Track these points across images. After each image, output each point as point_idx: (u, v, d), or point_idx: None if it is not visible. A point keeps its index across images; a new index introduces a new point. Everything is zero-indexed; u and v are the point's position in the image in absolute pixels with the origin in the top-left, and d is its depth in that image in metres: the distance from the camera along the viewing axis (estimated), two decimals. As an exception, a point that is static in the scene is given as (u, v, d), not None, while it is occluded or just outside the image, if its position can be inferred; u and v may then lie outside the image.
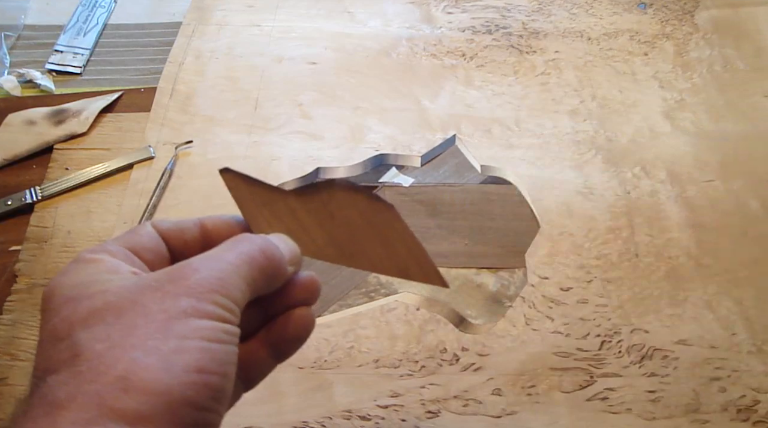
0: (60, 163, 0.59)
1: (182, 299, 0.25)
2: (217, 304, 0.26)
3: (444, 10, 0.71)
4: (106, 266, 0.27)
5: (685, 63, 0.65)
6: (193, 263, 0.27)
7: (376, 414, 0.44)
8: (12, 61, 0.68)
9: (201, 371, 0.24)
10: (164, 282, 0.26)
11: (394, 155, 0.58)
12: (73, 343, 0.24)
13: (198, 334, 0.25)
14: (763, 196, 0.55)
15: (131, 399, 0.23)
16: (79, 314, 0.25)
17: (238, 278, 0.27)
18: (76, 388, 0.23)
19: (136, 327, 0.24)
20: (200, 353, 0.24)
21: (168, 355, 0.24)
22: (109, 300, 0.25)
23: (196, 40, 0.68)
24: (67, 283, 0.26)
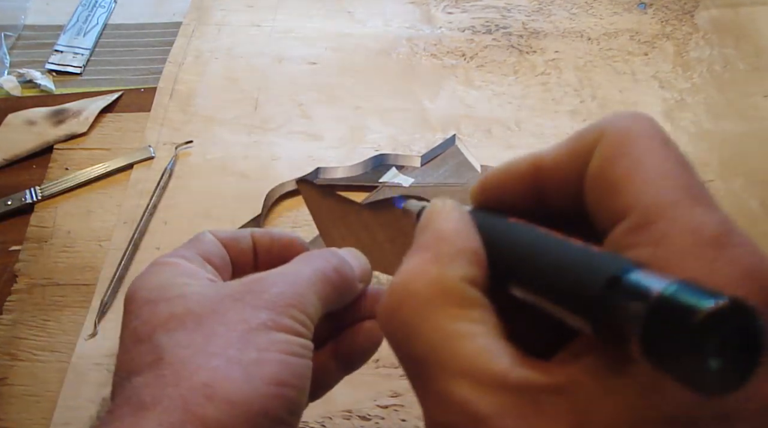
0: (60, 163, 0.59)
1: (262, 312, 0.26)
2: (294, 319, 0.26)
3: (444, 10, 0.71)
4: (183, 269, 0.28)
5: (685, 63, 0.65)
6: (271, 277, 0.28)
7: (376, 414, 0.44)
8: (12, 61, 0.68)
9: (280, 384, 0.25)
10: (244, 293, 0.27)
11: (394, 155, 0.58)
12: (155, 346, 0.25)
13: (276, 347, 0.25)
14: (763, 196, 0.55)
15: (214, 408, 0.23)
16: (160, 318, 0.26)
17: (313, 294, 0.28)
18: (160, 391, 0.24)
19: (216, 335, 0.25)
20: (279, 366, 0.25)
21: (248, 366, 0.24)
22: (189, 306, 0.26)
23: (196, 40, 0.68)
24: (147, 285, 0.27)
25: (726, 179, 0.56)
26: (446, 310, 0.18)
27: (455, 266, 0.19)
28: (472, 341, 0.17)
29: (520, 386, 0.16)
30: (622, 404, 0.15)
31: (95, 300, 0.50)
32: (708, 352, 0.12)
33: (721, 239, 0.16)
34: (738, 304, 0.13)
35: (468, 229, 0.20)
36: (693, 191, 0.17)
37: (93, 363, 0.47)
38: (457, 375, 0.17)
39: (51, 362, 0.47)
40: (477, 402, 0.16)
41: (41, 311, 0.50)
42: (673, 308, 0.13)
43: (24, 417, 0.45)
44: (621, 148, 0.18)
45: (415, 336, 0.18)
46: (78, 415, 0.44)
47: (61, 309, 0.50)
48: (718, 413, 0.15)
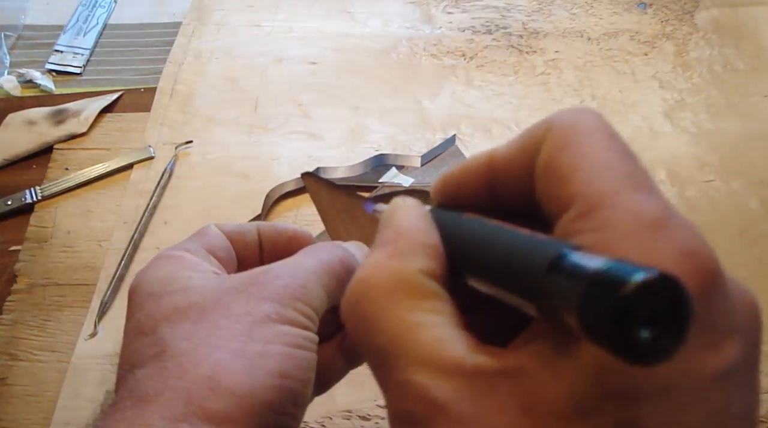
0: (60, 163, 0.59)
1: (266, 304, 0.26)
2: (299, 311, 0.26)
3: (444, 10, 0.71)
4: (187, 262, 0.28)
5: (685, 63, 0.65)
6: (275, 270, 0.27)
7: (376, 414, 0.44)
8: (12, 61, 0.68)
9: (283, 376, 0.25)
10: (248, 285, 0.26)
11: (394, 155, 0.58)
12: (158, 339, 0.25)
13: (280, 340, 0.25)
14: (763, 196, 0.55)
15: (218, 400, 0.23)
16: (164, 311, 0.26)
17: (318, 286, 0.27)
18: (163, 383, 0.24)
19: (219, 327, 0.25)
20: (283, 358, 0.25)
21: (252, 359, 0.24)
22: (193, 299, 0.26)
23: (196, 40, 0.68)
24: (150, 278, 0.27)
25: (726, 179, 0.56)
26: (404, 301, 0.19)
27: (413, 260, 0.19)
28: (430, 330, 0.18)
29: (475, 371, 0.17)
30: (568, 384, 0.16)
31: (95, 300, 0.50)
32: (638, 323, 0.13)
33: (660, 222, 0.16)
34: (666, 277, 0.13)
35: (426, 225, 0.21)
36: (635, 178, 0.18)
37: (93, 363, 0.47)
38: (415, 363, 0.18)
39: (51, 362, 0.47)
40: (434, 389, 0.17)
41: (41, 311, 0.50)
42: (607, 283, 0.14)
43: (24, 417, 0.45)
44: (567, 140, 0.19)
45: (375, 327, 0.19)
46: (78, 415, 0.44)
47: (61, 309, 0.50)
48: (658, 387, 0.15)
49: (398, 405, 0.18)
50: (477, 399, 0.17)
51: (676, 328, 0.14)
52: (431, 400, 0.17)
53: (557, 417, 0.16)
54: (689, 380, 0.16)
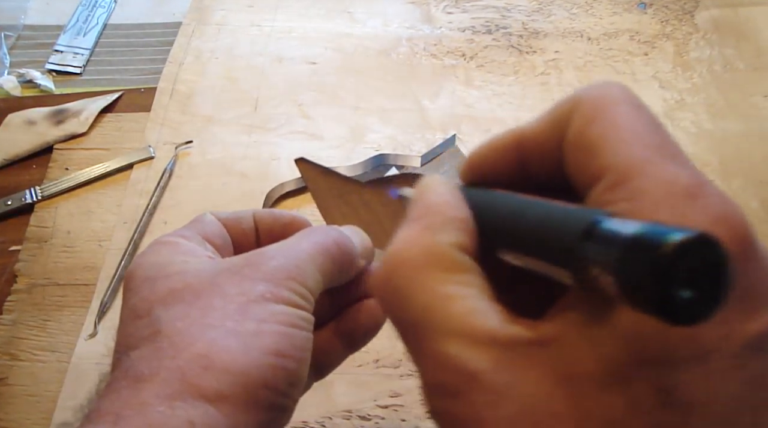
0: (60, 163, 0.59)
1: (260, 284, 0.26)
2: (293, 291, 0.26)
3: (444, 10, 0.71)
4: (182, 248, 0.28)
5: (685, 63, 0.65)
6: (269, 251, 0.28)
7: (376, 414, 0.44)
8: (12, 61, 0.68)
9: (278, 355, 0.25)
10: (242, 267, 0.27)
11: (394, 155, 0.58)
12: (153, 321, 0.25)
13: (275, 318, 0.25)
14: (763, 196, 0.55)
15: (212, 378, 0.23)
16: (158, 294, 0.26)
17: (313, 267, 0.28)
18: (158, 363, 0.24)
19: (213, 307, 0.25)
20: (278, 337, 0.25)
21: (246, 337, 0.24)
22: (188, 281, 0.26)
23: (196, 40, 0.68)
24: (146, 263, 0.27)
25: (726, 179, 0.56)
26: (437, 274, 0.19)
27: (445, 234, 0.19)
28: (463, 302, 0.18)
29: (509, 341, 0.17)
30: (605, 352, 0.16)
31: (95, 300, 0.50)
32: (677, 282, 0.13)
33: (692, 190, 0.16)
34: (705, 237, 0.13)
35: (456, 200, 0.21)
36: (665, 148, 0.18)
37: (93, 363, 0.47)
38: (449, 335, 0.17)
39: (51, 362, 0.47)
40: (469, 359, 0.17)
41: (41, 311, 0.50)
42: (645, 244, 0.14)
43: (24, 417, 0.45)
44: (596, 113, 0.19)
45: (408, 300, 0.19)
46: (78, 415, 0.44)
47: (61, 309, 0.50)
48: (696, 353, 0.15)
49: (432, 377, 0.18)
50: (512, 369, 0.17)
51: (716, 288, 0.14)
52: (466, 371, 0.17)
53: (594, 384, 0.16)
54: (727, 346, 0.15)
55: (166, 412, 0.23)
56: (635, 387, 0.16)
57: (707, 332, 0.15)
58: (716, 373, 0.16)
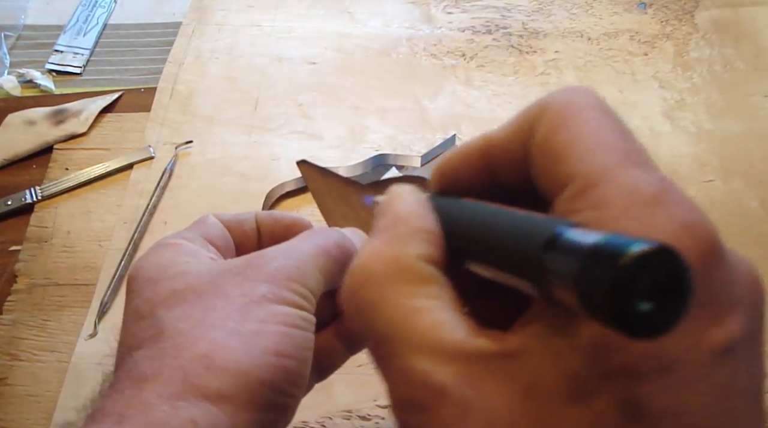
0: (60, 163, 0.59)
1: (261, 285, 0.26)
2: (295, 292, 0.26)
3: (444, 10, 0.71)
4: (185, 249, 0.28)
5: (685, 63, 0.65)
6: (271, 253, 0.28)
7: (376, 414, 0.44)
8: (12, 61, 0.68)
9: (279, 354, 0.25)
10: (243, 268, 0.27)
11: (394, 155, 0.58)
12: (155, 321, 0.25)
13: (276, 319, 0.25)
14: (763, 196, 0.55)
15: (213, 378, 0.24)
16: (161, 295, 0.26)
17: (314, 268, 0.28)
18: (160, 363, 0.24)
19: (215, 308, 0.25)
20: (279, 337, 0.25)
21: (248, 337, 0.25)
22: (190, 282, 0.26)
23: (196, 40, 0.68)
24: (148, 265, 0.28)
25: (726, 179, 0.56)
26: (403, 287, 0.18)
27: (412, 246, 0.19)
28: (429, 315, 0.18)
29: (475, 354, 0.17)
30: (568, 364, 0.16)
31: (95, 300, 0.50)
32: (636, 295, 0.13)
33: (658, 197, 0.16)
34: (664, 249, 0.13)
35: (424, 211, 0.21)
36: (631, 155, 0.17)
37: (93, 363, 0.47)
38: (415, 349, 0.17)
39: (51, 362, 0.47)
40: (435, 374, 0.17)
41: (41, 312, 0.50)
42: (604, 256, 0.14)
43: (24, 417, 0.45)
44: (562, 119, 0.18)
45: (375, 313, 0.18)
46: (79, 415, 0.44)
47: (61, 309, 0.50)
48: (660, 364, 0.15)
49: (399, 392, 0.18)
50: (478, 383, 0.17)
51: (676, 300, 0.13)
52: (433, 385, 0.17)
53: (559, 398, 0.16)
54: (692, 355, 0.15)
55: (168, 412, 0.23)
56: (600, 400, 0.15)
57: (672, 342, 0.15)
58: (683, 383, 0.15)
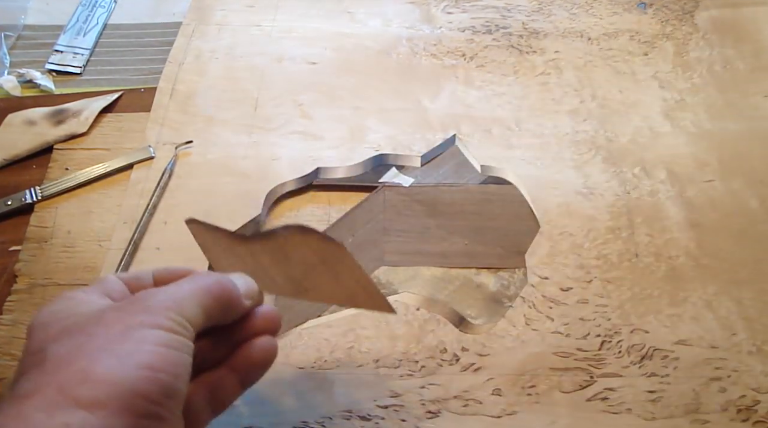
0: (60, 163, 0.59)
1: (139, 315, 0.29)
2: (171, 319, 0.29)
3: (444, 10, 0.71)
4: (80, 298, 0.32)
5: (685, 63, 0.65)
6: (152, 291, 0.31)
7: (376, 414, 0.44)
8: (12, 61, 0.68)
9: (151, 368, 0.27)
10: (126, 304, 0.30)
11: (394, 155, 0.58)
12: (41, 353, 0.28)
13: (151, 340, 0.28)
14: (763, 196, 0.55)
15: (88, 388, 0.26)
16: (50, 334, 0.29)
17: (192, 301, 0.31)
18: (40, 381, 0.27)
19: (97, 335, 0.28)
20: (152, 354, 0.28)
21: (122, 355, 0.27)
22: (76, 320, 0.29)
23: (196, 40, 0.68)
24: (43, 314, 0.31)
25: (726, 179, 0.56)
26: None
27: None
28: None
29: None
30: None
31: (95, 300, 0.50)
32: None
33: None
34: None
35: None
36: None
37: (93, 363, 0.47)
38: None
39: (51, 362, 0.47)
40: None
41: (41, 311, 0.50)
42: None
43: (24, 417, 0.45)
44: None
45: None
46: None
47: (61, 309, 0.50)
48: None
49: None
50: None
51: None
52: None
53: None
54: None
55: (43, 418, 0.25)
56: None
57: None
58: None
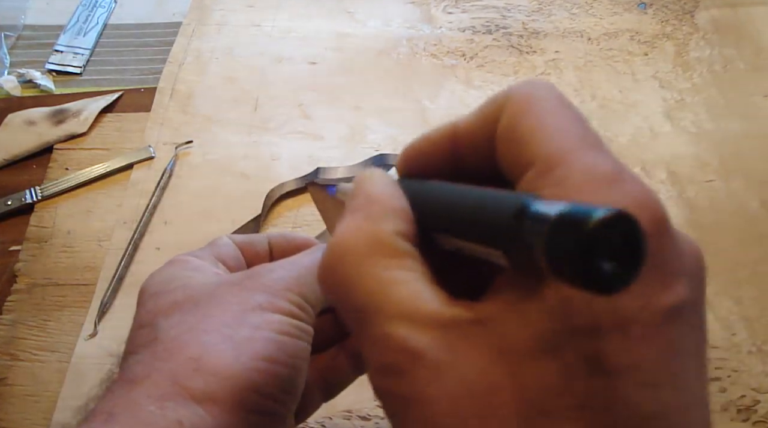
0: (60, 163, 0.59)
1: (257, 294, 0.27)
2: (290, 301, 0.27)
3: (444, 10, 0.71)
4: (191, 264, 0.29)
5: (685, 63, 0.65)
6: (271, 265, 0.29)
7: (376, 414, 0.44)
8: (12, 61, 0.68)
9: (269, 360, 0.25)
10: (242, 279, 0.28)
11: (394, 155, 0.58)
12: (153, 329, 0.26)
13: (269, 326, 0.26)
14: (763, 196, 0.55)
15: (201, 380, 0.24)
16: (161, 306, 0.27)
17: (313, 280, 0.28)
18: (151, 366, 0.25)
19: (210, 315, 0.26)
20: (270, 343, 0.26)
21: (239, 343, 0.25)
22: (190, 293, 0.27)
23: (196, 40, 0.68)
24: (155, 280, 0.29)
25: (726, 179, 0.56)
26: (380, 261, 0.20)
27: (385, 223, 0.20)
28: (405, 286, 0.19)
29: (450, 321, 0.18)
30: (536, 325, 0.17)
31: (95, 300, 0.50)
32: (600, 255, 0.15)
33: (612, 176, 0.18)
34: (623, 214, 0.15)
35: (394, 191, 0.22)
36: (588, 139, 0.19)
37: (93, 363, 0.47)
38: (392, 318, 0.19)
39: (51, 362, 0.47)
40: (412, 339, 0.18)
41: (41, 312, 0.50)
42: (571, 221, 0.15)
43: (24, 417, 0.45)
44: (525, 108, 0.20)
45: (353, 287, 0.20)
46: (78, 416, 0.44)
47: (61, 309, 0.50)
48: (617, 321, 0.17)
49: (378, 359, 0.19)
50: (453, 347, 0.18)
51: (633, 261, 0.15)
52: (410, 350, 0.18)
53: (527, 355, 0.17)
54: (645, 315, 0.17)
55: (155, 412, 0.24)
56: (565, 355, 0.17)
57: (628, 303, 0.17)
58: (637, 341, 0.17)
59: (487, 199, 0.19)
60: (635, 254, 0.15)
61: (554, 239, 0.15)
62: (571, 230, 0.15)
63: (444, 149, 0.23)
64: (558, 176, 0.18)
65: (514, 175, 0.20)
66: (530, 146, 0.19)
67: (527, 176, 0.19)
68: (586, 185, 0.18)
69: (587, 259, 0.15)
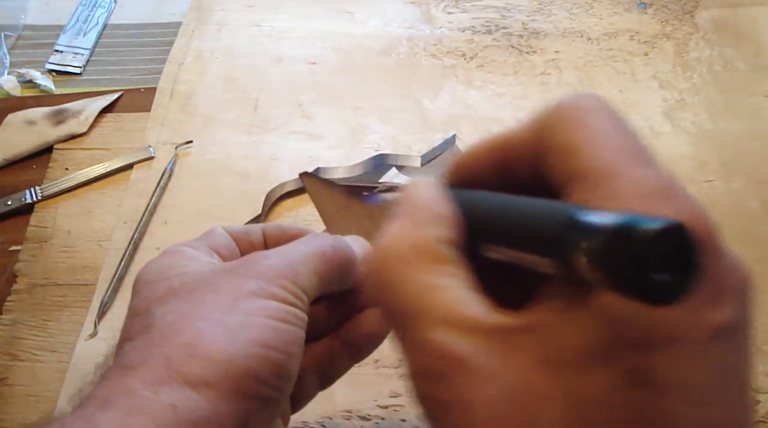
0: (60, 163, 0.59)
1: (251, 281, 0.27)
2: (284, 288, 0.27)
3: (444, 10, 0.71)
4: (186, 254, 0.30)
5: (685, 63, 0.65)
6: (265, 253, 0.29)
7: (376, 414, 0.44)
8: (12, 61, 0.68)
9: (264, 346, 0.25)
10: (236, 266, 0.28)
11: (394, 155, 0.58)
12: (148, 316, 0.27)
13: (264, 312, 0.26)
14: (763, 196, 0.55)
15: (196, 365, 0.24)
16: (157, 294, 0.27)
17: (307, 268, 0.28)
18: (146, 352, 0.25)
19: (205, 302, 0.26)
20: (265, 329, 0.26)
21: (233, 328, 0.25)
22: (185, 281, 0.27)
23: (196, 40, 0.68)
24: (150, 269, 0.29)
25: (726, 179, 0.56)
26: (424, 266, 0.20)
27: (431, 229, 0.21)
28: (448, 292, 0.19)
29: (493, 328, 0.18)
30: (583, 334, 0.17)
31: (95, 300, 0.50)
32: (654, 267, 0.15)
33: (663, 191, 0.18)
34: (679, 227, 0.15)
35: (441, 199, 0.22)
36: (639, 153, 0.19)
37: (93, 363, 0.47)
38: (435, 323, 0.19)
39: (51, 362, 0.47)
40: (454, 345, 0.18)
41: (41, 312, 0.50)
42: (627, 232, 0.15)
43: (24, 417, 0.45)
44: (575, 120, 0.20)
45: (397, 290, 0.20)
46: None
47: (61, 309, 0.50)
48: (668, 337, 0.17)
49: (419, 363, 0.19)
50: (496, 354, 0.18)
51: (687, 273, 0.15)
52: (451, 355, 0.18)
53: (575, 365, 0.17)
54: (693, 333, 0.17)
55: (150, 396, 0.24)
56: (614, 367, 0.17)
57: (678, 318, 0.17)
58: (686, 357, 0.17)
59: (538, 208, 0.19)
60: (689, 267, 0.15)
61: (610, 249, 0.15)
62: (627, 240, 0.15)
63: (494, 161, 0.23)
64: (610, 190, 0.18)
65: (563, 187, 0.20)
66: (581, 158, 0.19)
67: (578, 188, 0.19)
68: (638, 199, 0.18)
69: (642, 271, 0.15)
